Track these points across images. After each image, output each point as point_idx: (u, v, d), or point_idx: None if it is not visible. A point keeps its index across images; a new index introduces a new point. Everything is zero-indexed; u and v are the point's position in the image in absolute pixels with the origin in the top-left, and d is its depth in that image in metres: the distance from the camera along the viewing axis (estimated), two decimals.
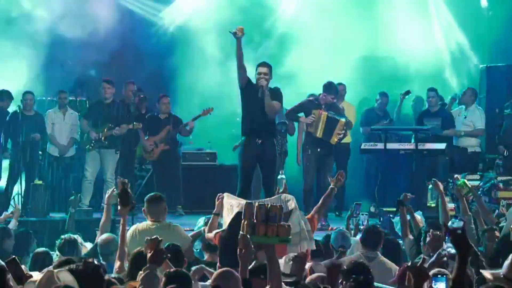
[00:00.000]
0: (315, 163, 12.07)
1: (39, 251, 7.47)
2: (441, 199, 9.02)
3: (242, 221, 5.61)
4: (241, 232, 5.72)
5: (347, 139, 13.16)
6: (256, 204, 5.65)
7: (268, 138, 10.58)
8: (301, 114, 12.21)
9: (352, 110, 13.64)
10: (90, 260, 5.38)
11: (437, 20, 15.69)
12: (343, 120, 11.89)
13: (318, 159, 12.08)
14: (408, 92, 13.78)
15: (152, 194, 8.26)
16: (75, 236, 8.17)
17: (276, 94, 10.59)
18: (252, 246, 5.74)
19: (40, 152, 12.81)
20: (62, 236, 7.91)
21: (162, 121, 13.21)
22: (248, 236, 5.64)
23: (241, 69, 10.48)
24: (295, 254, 6.91)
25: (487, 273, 5.30)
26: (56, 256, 7.72)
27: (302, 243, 7.46)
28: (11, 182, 12.44)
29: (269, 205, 5.56)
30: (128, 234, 7.66)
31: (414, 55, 14.97)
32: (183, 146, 14.00)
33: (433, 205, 10.71)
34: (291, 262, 6.71)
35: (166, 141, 13.11)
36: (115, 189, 8.19)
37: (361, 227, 9.22)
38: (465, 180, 10.03)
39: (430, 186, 10.69)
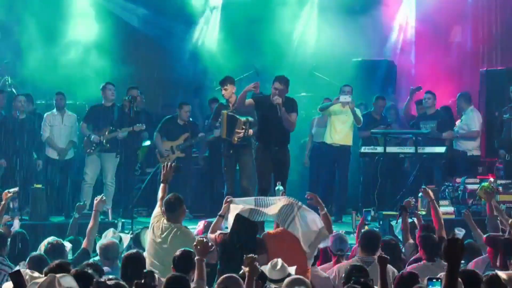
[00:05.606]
0: (234, 166, 11.71)
1: (35, 254, 7.42)
2: (432, 206, 8.92)
3: None
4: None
5: (348, 142, 13.13)
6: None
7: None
8: None
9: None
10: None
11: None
12: (242, 119, 11.25)
13: (235, 162, 11.69)
14: (419, 88, 13.78)
15: (170, 199, 7.89)
16: (61, 240, 8.17)
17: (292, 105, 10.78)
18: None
19: (35, 157, 12.84)
20: (49, 241, 7.90)
21: (180, 127, 13.16)
22: None
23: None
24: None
25: (502, 274, 5.34)
26: None
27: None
28: (7, 185, 12.41)
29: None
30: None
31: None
32: None
33: (423, 212, 10.66)
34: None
35: (183, 148, 13.11)
36: (103, 196, 8.34)
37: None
38: (484, 184, 10.16)
39: (420, 194, 10.67)
